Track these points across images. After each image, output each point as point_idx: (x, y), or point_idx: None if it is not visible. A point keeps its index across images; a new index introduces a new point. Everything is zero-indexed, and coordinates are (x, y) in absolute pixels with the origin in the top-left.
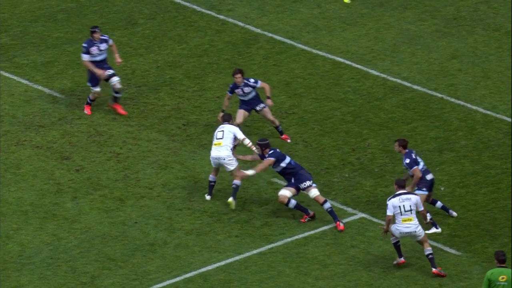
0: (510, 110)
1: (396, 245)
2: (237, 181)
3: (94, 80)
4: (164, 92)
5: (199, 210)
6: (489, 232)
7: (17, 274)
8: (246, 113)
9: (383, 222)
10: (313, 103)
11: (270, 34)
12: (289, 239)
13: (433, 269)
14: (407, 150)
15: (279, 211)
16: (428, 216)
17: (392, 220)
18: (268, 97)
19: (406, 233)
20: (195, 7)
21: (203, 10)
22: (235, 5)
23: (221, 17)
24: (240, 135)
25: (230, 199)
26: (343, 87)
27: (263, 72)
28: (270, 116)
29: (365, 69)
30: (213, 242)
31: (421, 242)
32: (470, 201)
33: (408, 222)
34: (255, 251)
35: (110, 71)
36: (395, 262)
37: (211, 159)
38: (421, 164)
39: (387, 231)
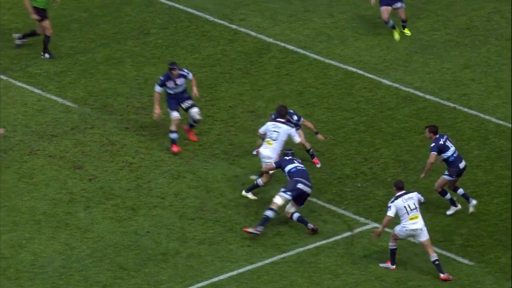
0: None
1: (393, 252)
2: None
3: (173, 105)
4: None
5: (211, 220)
6: (502, 242)
7: (30, 283)
8: None
9: (387, 230)
10: (325, 113)
11: (283, 44)
12: (301, 249)
13: (441, 275)
14: (437, 136)
15: (291, 221)
16: (448, 196)
17: (391, 220)
18: None
19: (413, 230)
20: (207, 16)
21: (216, 20)
22: (247, 15)
23: (234, 26)
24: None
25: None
26: (356, 96)
27: (275, 81)
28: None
29: (377, 78)
30: (225, 252)
31: (425, 248)
32: (483, 211)
33: (415, 220)
34: (267, 261)
35: (190, 102)
36: (384, 265)
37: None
38: (451, 150)
39: (380, 234)
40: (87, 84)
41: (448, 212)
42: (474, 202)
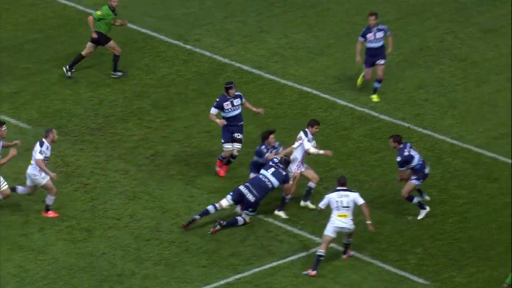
0: (476, 140)
1: (319, 258)
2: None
3: (226, 136)
4: (131, 122)
5: (167, 241)
6: (456, 261)
7: None
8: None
9: (351, 252)
10: (281, 133)
11: (238, 64)
12: (257, 269)
13: (344, 256)
14: (401, 146)
15: (247, 241)
16: (417, 199)
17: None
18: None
19: (340, 227)
20: (162, 37)
21: (171, 40)
22: (202, 35)
23: (188, 47)
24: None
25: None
26: (311, 116)
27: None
28: None
29: (332, 99)
30: (181, 273)
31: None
32: (438, 230)
33: (343, 218)
34: (222, 281)
35: (240, 136)
36: (305, 273)
37: None
38: (417, 157)
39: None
40: (41, 105)
41: (419, 217)
42: (427, 197)
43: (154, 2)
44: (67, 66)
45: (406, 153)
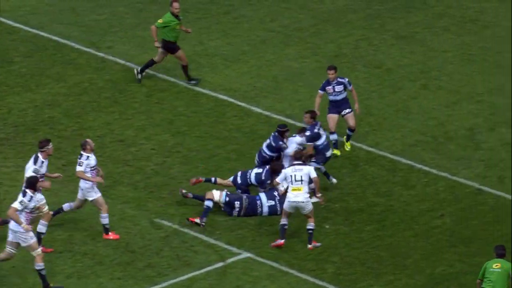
0: (392, 146)
1: (283, 228)
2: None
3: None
4: (42, 131)
5: (80, 253)
6: (374, 270)
7: None
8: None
9: (267, 262)
10: (197, 141)
11: (152, 72)
12: (173, 281)
13: (309, 245)
14: (313, 122)
15: (162, 252)
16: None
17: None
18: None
19: (294, 201)
20: (73, 44)
21: (82, 48)
22: (115, 42)
23: (101, 54)
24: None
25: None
26: (227, 124)
27: (145, 110)
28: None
29: (248, 106)
30: (95, 285)
31: (307, 217)
32: (355, 239)
33: (297, 192)
34: None
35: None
36: (273, 244)
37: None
38: (323, 139)
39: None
40: None
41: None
42: (334, 181)
43: (64, 8)
44: (138, 69)
45: (315, 130)
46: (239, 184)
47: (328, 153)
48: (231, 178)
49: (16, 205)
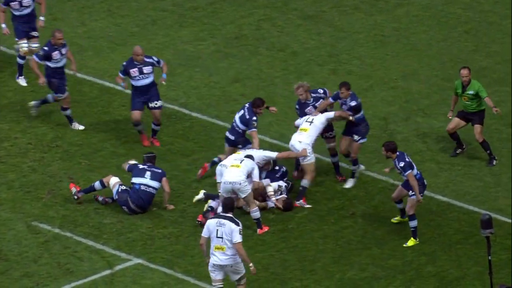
0: None
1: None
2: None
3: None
4: None
5: None
6: (279, 275)
7: None
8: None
9: (160, 268)
10: (79, 135)
11: (28, 56)
12: None
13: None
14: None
15: (41, 259)
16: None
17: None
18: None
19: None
20: None
21: None
22: None
23: None
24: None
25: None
26: (114, 115)
27: (20, 99)
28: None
29: None
30: None
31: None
32: (258, 242)
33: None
34: None
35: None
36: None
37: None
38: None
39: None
40: None
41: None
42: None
43: None
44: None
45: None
46: (233, 142)
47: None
48: (227, 145)
49: None
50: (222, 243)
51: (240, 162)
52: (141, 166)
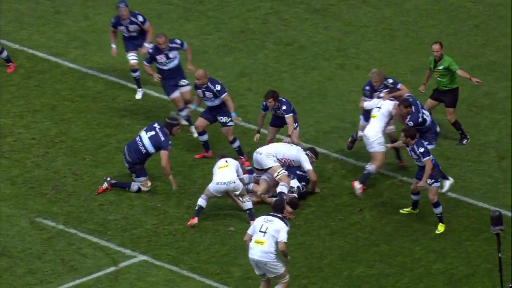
0: (305, 134)
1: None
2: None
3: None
4: None
5: None
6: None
7: None
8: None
9: (165, 265)
10: (84, 130)
11: (31, 51)
12: None
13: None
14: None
15: (45, 256)
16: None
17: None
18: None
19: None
20: None
21: None
22: None
23: None
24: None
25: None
26: (119, 110)
27: (23, 94)
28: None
29: (143, 89)
30: None
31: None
32: None
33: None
34: None
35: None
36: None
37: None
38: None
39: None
40: None
41: (444, 190)
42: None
43: None
44: None
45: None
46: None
47: (438, 128)
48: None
49: None
50: (264, 238)
51: (226, 162)
52: (155, 124)
